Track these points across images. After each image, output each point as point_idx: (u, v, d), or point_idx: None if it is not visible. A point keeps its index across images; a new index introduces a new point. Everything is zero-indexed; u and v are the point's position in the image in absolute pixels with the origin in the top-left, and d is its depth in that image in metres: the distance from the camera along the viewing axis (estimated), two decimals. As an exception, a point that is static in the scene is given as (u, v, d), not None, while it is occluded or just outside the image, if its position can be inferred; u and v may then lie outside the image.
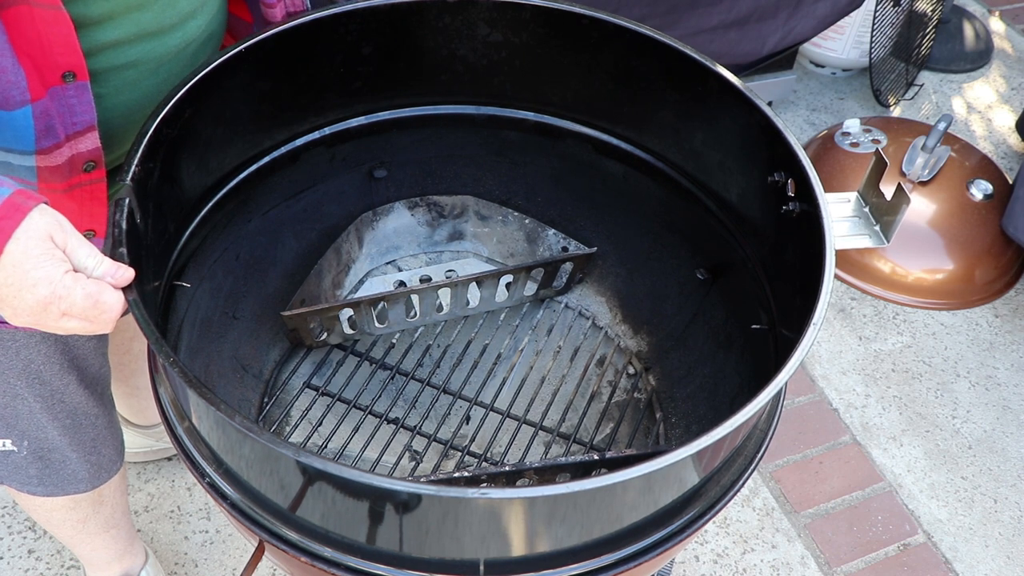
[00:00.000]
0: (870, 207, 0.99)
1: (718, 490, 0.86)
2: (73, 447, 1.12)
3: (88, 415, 1.11)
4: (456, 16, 1.06)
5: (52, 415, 1.07)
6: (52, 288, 0.69)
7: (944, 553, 1.69)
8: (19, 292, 0.68)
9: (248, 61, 0.93)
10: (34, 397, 1.04)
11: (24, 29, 0.74)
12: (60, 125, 0.81)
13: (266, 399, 1.16)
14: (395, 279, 1.29)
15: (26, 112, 0.78)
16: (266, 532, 0.80)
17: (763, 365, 0.98)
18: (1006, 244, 2.16)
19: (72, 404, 1.08)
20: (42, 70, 0.77)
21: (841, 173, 2.25)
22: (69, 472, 1.14)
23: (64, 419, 1.08)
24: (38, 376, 1.02)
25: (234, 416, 0.68)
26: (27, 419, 1.06)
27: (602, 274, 1.31)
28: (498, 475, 0.95)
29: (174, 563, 1.57)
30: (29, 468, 1.12)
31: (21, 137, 0.80)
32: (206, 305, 1.05)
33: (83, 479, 1.16)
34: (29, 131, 0.80)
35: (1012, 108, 2.70)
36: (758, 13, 2.04)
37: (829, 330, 2.06)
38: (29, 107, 0.78)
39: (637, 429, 1.18)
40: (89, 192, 0.86)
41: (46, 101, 0.79)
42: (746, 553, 1.66)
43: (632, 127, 1.14)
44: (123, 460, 1.23)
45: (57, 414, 1.07)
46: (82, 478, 1.16)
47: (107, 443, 1.17)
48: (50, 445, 1.10)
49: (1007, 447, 1.86)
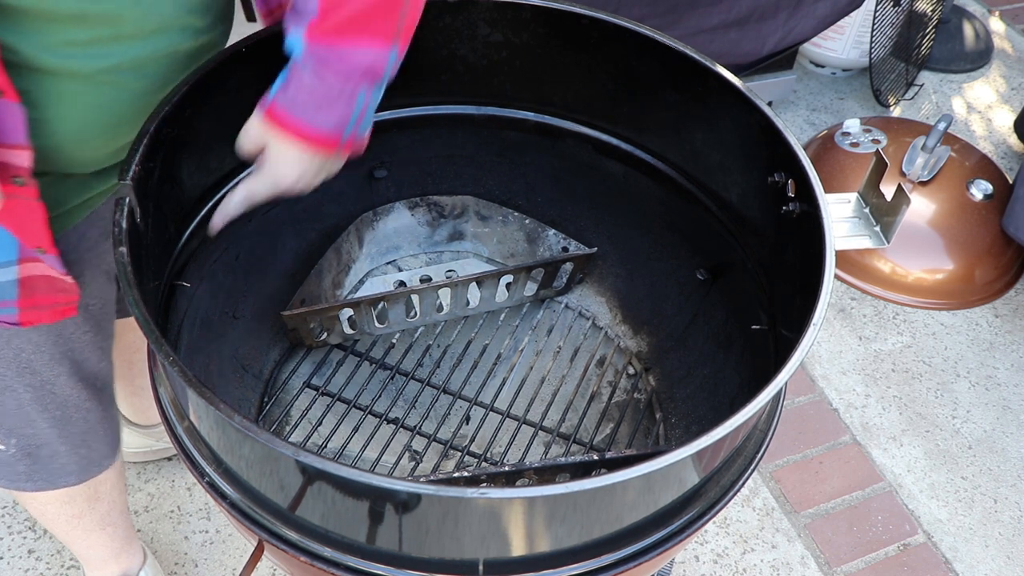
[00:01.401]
0: (870, 207, 0.99)
1: (718, 490, 0.86)
2: (62, 440, 1.11)
3: (79, 408, 1.10)
4: (456, 16, 1.06)
5: (42, 406, 1.06)
6: None
7: (944, 553, 1.69)
8: None
9: (248, 61, 0.93)
10: (24, 387, 1.03)
11: None
12: None
13: (266, 399, 1.16)
14: (395, 279, 1.29)
15: None
16: (266, 532, 0.80)
17: (763, 365, 0.98)
18: (1006, 244, 2.16)
19: (62, 396, 1.07)
20: None
21: (841, 173, 2.25)
22: (58, 466, 1.14)
23: (54, 410, 1.07)
24: (28, 366, 1.02)
25: (234, 416, 0.68)
26: (15, 415, 1.06)
27: (602, 274, 1.31)
28: (498, 475, 0.95)
29: (174, 563, 1.57)
30: (17, 465, 1.12)
31: None
32: (206, 305, 1.05)
33: (72, 472, 1.16)
34: None
35: (1012, 108, 2.70)
36: (758, 13, 2.04)
37: (829, 330, 2.06)
38: None
39: (637, 429, 1.18)
40: (25, 208, 0.84)
41: None
42: (746, 553, 1.66)
43: (632, 127, 1.14)
44: (117, 456, 1.22)
45: (47, 405, 1.06)
46: (71, 471, 1.16)
47: (98, 438, 1.16)
48: (39, 440, 1.10)
49: (1007, 447, 1.86)
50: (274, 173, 0.88)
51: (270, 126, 0.85)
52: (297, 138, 0.84)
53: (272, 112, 0.84)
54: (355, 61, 0.80)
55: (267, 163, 0.88)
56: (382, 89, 0.86)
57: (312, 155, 0.86)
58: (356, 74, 0.81)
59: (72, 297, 0.92)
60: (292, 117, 0.83)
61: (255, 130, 0.87)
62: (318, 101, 0.82)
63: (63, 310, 0.92)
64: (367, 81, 0.82)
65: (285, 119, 0.83)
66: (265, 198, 0.90)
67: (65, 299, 0.92)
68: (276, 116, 0.84)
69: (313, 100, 0.82)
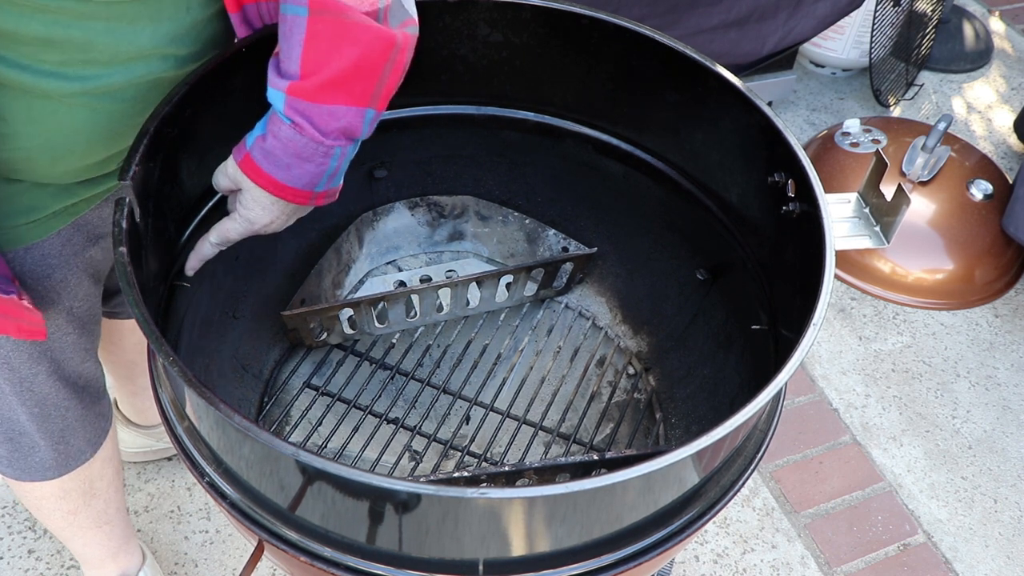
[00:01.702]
0: (870, 207, 0.99)
1: (718, 490, 0.86)
2: (41, 434, 1.11)
3: (58, 407, 1.10)
4: (456, 16, 1.06)
5: (21, 400, 1.06)
6: None
7: (944, 553, 1.69)
8: None
9: (248, 61, 0.93)
10: (3, 380, 1.03)
11: None
12: None
13: (266, 399, 1.16)
14: (395, 279, 1.29)
15: None
16: (266, 532, 0.80)
17: (763, 365, 0.98)
18: (1006, 244, 2.16)
19: (41, 394, 1.07)
20: None
21: (841, 173, 2.25)
22: (37, 460, 1.14)
23: (32, 407, 1.07)
24: (7, 362, 1.02)
25: (234, 416, 0.68)
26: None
27: (602, 274, 1.31)
28: (498, 475, 0.95)
29: (174, 563, 1.57)
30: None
31: None
32: (206, 305, 1.05)
33: (50, 466, 1.16)
34: None
35: (1012, 108, 2.70)
36: (758, 13, 2.04)
37: (829, 330, 2.06)
38: None
39: (637, 429, 1.18)
40: None
41: None
42: (746, 553, 1.66)
43: (632, 127, 1.14)
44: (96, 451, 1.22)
45: (25, 400, 1.06)
46: (49, 465, 1.16)
47: (77, 435, 1.16)
48: (20, 428, 1.10)
49: (1007, 447, 1.86)
50: (248, 216, 0.89)
51: (245, 174, 0.86)
52: (271, 189, 0.86)
53: (247, 162, 0.86)
54: (333, 121, 0.82)
55: (241, 206, 0.89)
56: (358, 145, 0.88)
57: (284, 204, 0.88)
58: (333, 133, 0.83)
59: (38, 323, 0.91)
60: (266, 170, 0.85)
61: (231, 172, 0.88)
62: (293, 156, 0.83)
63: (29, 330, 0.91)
64: (343, 139, 0.84)
65: (259, 171, 0.85)
66: (239, 238, 0.92)
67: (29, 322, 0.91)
68: (251, 166, 0.85)
69: (288, 155, 0.83)
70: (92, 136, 0.86)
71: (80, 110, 0.83)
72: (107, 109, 0.85)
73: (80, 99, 0.82)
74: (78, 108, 0.83)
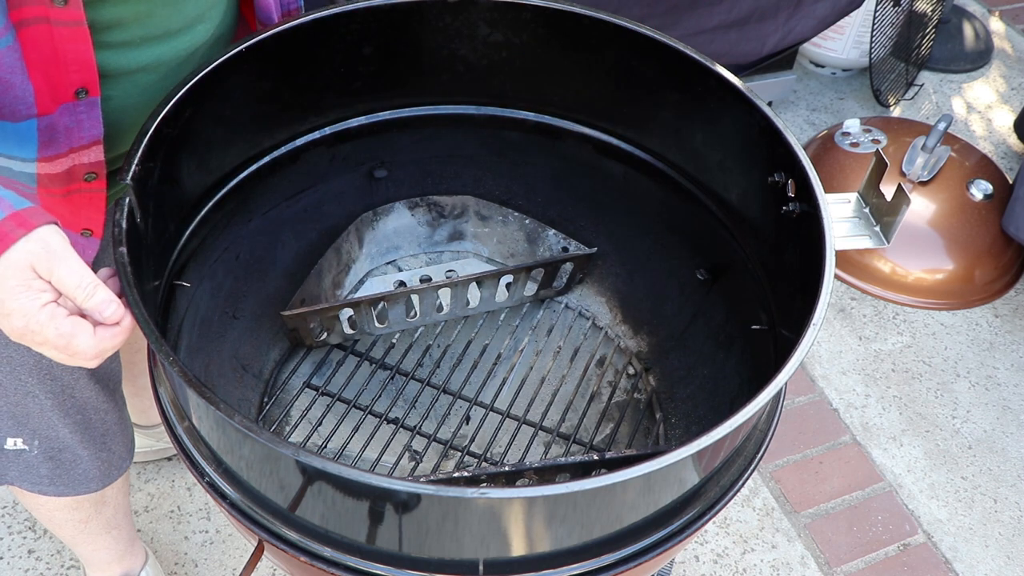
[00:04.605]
0: (870, 208, 0.99)
1: (718, 490, 0.86)
2: (84, 445, 1.12)
3: (98, 410, 1.12)
4: (456, 16, 1.06)
5: (63, 411, 1.07)
6: (26, 321, 0.70)
7: (944, 553, 1.69)
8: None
9: (248, 61, 0.93)
10: (45, 394, 1.04)
11: (41, 47, 0.75)
12: (65, 138, 0.82)
13: (266, 399, 1.16)
14: (395, 279, 1.29)
15: (31, 124, 0.80)
16: (266, 532, 0.80)
17: (763, 365, 0.98)
18: (1006, 244, 2.16)
19: (82, 399, 1.08)
20: (56, 87, 0.78)
21: (841, 173, 2.25)
22: (80, 472, 1.15)
23: (75, 415, 1.09)
24: (49, 372, 1.03)
25: (234, 416, 0.68)
26: (38, 417, 1.07)
27: (602, 274, 1.31)
28: (498, 475, 0.95)
29: (174, 563, 1.57)
30: (40, 468, 1.12)
31: (24, 146, 0.81)
32: (206, 305, 1.05)
33: (94, 478, 1.17)
34: (32, 141, 0.81)
35: (1012, 108, 2.70)
36: (758, 13, 2.04)
37: (829, 330, 2.06)
38: (35, 120, 0.80)
39: (637, 429, 1.18)
40: (87, 199, 0.86)
41: (54, 116, 0.80)
42: (746, 553, 1.66)
43: (632, 127, 1.14)
44: (132, 459, 1.23)
45: (68, 410, 1.08)
46: (93, 476, 1.17)
47: (117, 439, 1.17)
48: (61, 444, 1.11)
49: (1007, 447, 1.86)
50: None
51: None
52: None
53: None
54: None
55: None
56: None
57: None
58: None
59: None
60: None
61: None
62: None
63: None
64: None
65: None
66: None
67: None
68: None
69: None
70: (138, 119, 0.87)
71: (160, 82, 0.87)
72: (176, 76, 0.88)
73: (164, 69, 0.86)
74: (158, 82, 0.87)
